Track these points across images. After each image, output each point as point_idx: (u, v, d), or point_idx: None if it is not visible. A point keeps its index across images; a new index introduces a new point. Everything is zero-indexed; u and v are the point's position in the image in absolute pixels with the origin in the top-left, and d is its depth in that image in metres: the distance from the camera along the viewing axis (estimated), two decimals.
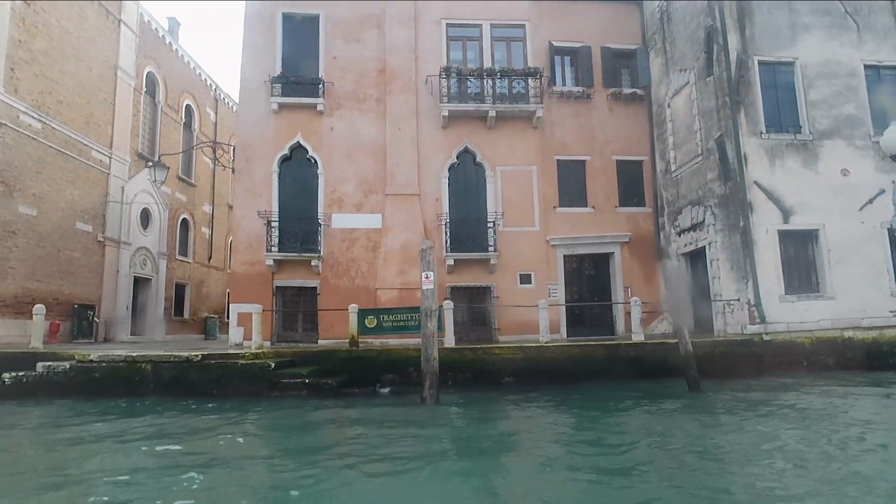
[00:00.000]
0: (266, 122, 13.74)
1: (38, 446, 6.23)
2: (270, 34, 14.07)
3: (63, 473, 4.89)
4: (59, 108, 17.33)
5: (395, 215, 13.68)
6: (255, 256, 13.36)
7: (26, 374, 9.34)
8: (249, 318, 12.98)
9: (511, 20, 14.59)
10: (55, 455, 5.75)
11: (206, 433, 6.62)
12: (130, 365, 9.35)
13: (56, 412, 8.16)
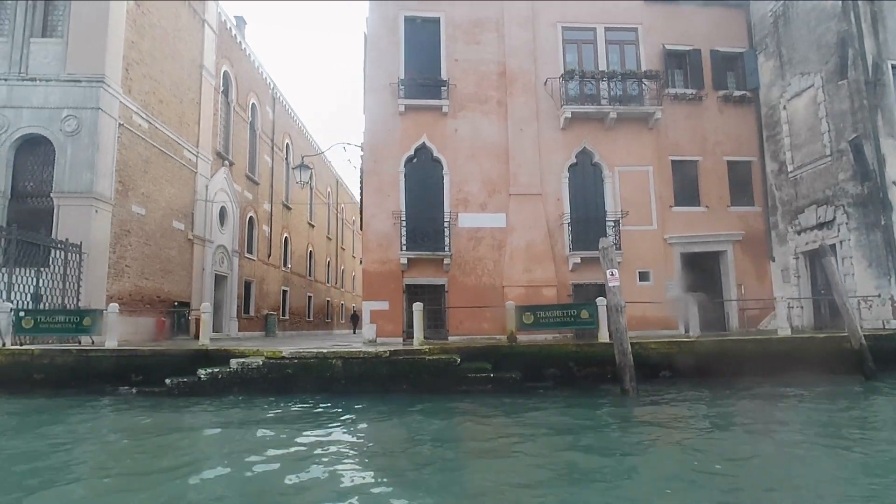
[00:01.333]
0: (392, 124, 14.04)
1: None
2: (393, 37, 14.35)
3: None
4: (160, 108, 17.56)
5: (518, 215, 14.02)
6: (384, 255, 13.67)
7: (221, 370, 9.65)
8: (381, 314, 13.41)
9: (624, 24, 14.93)
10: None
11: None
12: (321, 361, 9.67)
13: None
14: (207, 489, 4.39)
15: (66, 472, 5.04)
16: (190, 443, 6.37)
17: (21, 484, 4.56)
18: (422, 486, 4.44)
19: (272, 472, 4.80)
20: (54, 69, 14.47)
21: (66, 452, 5.78)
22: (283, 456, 5.36)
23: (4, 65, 14.40)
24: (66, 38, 14.58)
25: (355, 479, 4.59)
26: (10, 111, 14.16)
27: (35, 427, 7.11)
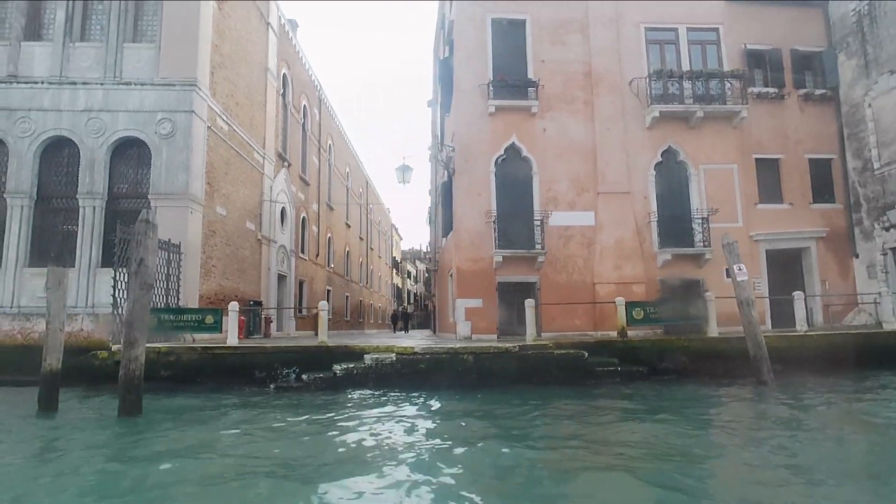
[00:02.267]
0: (482, 124, 14.28)
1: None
2: (481, 39, 14.59)
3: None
4: (236, 111, 17.86)
5: (607, 213, 14.24)
6: (477, 253, 13.92)
7: (356, 365, 9.92)
8: (475, 312, 13.66)
9: (705, 24, 15.13)
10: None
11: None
12: (453, 356, 9.92)
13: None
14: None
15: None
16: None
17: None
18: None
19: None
20: (147, 73, 14.76)
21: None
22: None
23: (99, 69, 14.70)
24: (158, 43, 14.85)
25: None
26: (107, 115, 14.46)
27: (244, 423, 7.33)
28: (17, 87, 14.47)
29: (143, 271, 6.72)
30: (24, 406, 8.10)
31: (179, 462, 5.02)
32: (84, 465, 4.91)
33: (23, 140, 14.23)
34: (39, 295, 13.80)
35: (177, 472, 4.67)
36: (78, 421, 6.95)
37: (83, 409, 7.94)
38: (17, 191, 14.04)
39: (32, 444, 5.97)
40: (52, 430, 6.58)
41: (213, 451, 5.55)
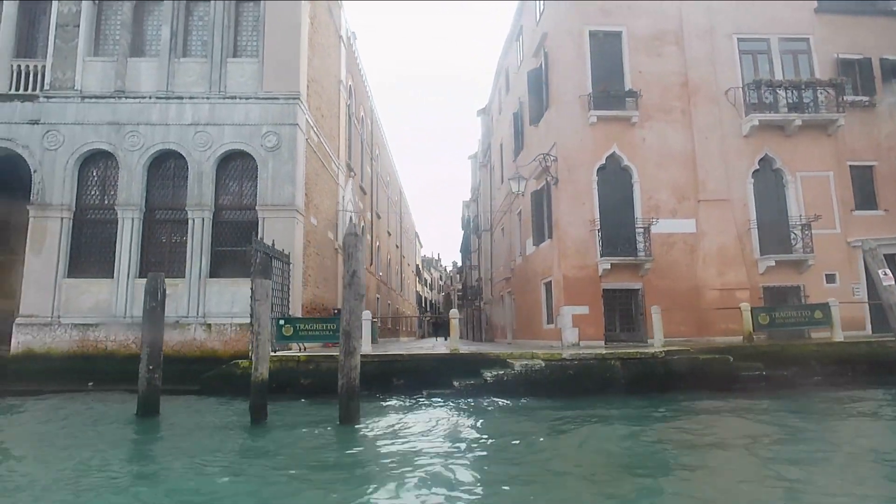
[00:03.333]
0: (583, 134, 14.55)
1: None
2: (580, 51, 14.89)
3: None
4: (322, 123, 18.19)
5: (708, 220, 14.47)
6: (582, 261, 14.15)
7: (505, 371, 10.12)
8: (582, 318, 13.86)
9: (796, 34, 15.42)
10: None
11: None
12: (601, 362, 10.12)
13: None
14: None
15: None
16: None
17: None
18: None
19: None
20: (250, 87, 15.07)
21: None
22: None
23: (204, 84, 15.03)
24: (260, 58, 15.17)
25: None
26: (213, 128, 14.77)
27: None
28: (125, 101, 14.82)
29: (356, 282, 6.95)
30: (228, 416, 8.28)
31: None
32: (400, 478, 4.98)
33: (132, 153, 14.55)
34: None
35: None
36: (302, 431, 7.11)
37: (284, 419, 8.08)
38: (128, 203, 14.35)
39: (305, 458, 5.92)
40: (290, 442, 6.61)
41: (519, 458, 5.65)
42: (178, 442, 6.65)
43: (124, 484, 4.76)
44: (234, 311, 14.16)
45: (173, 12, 15.23)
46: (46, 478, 4.91)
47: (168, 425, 7.72)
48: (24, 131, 14.58)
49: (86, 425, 7.68)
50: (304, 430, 7.11)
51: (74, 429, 7.43)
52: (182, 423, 7.87)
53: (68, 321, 13.87)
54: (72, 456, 5.72)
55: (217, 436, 6.92)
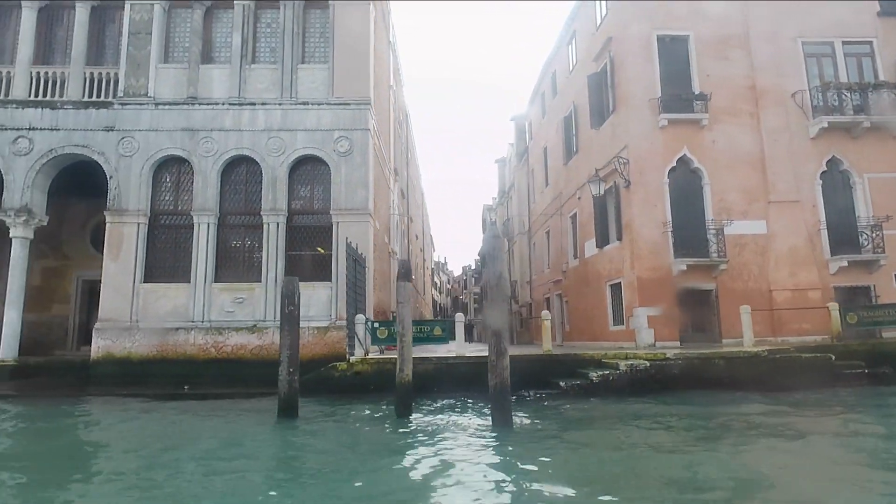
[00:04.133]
0: (653, 137, 14.73)
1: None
2: (648, 55, 15.08)
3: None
4: (379, 128, 18.34)
5: (778, 221, 14.62)
6: (655, 262, 14.29)
7: (611, 372, 10.24)
8: (656, 319, 13.98)
9: (859, 37, 15.61)
10: None
11: None
12: (705, 361, 10.24)
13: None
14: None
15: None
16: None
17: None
18: None
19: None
20: (321, 93, 15.23)
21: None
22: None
23: (276, 90, 15.20)
24: (330, 64, 15.33)
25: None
26: (286, 134, 14.92)
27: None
28: (199, 108, 14.98)
29: (502, 284, 7.08)
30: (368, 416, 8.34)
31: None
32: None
33: (206, 159, 14.70)
34: (228, 309, 14.26)
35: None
36: (459, 431, 7.18)
37: (426, 419, 8.12)
38: (204, 208, 14.49)
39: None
40: (445, 440, 6.68)
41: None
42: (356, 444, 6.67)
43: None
44: (311, 314, 14.23)
45: (243, 19, 15.41)
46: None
47: (321, 427, 7.82)
48: (100, 138, 14.74)
49: (244, 429, 7.80)
50: (462, 431, 7.15)
51: (244, 431, 7.54)
52: (327, 424, 8.01)
53: (147, 325, 13.98)
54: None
55: (376, 433, 7.06)
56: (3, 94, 15.01)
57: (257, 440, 7.03)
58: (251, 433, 7.47)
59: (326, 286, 14.39)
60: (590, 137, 17.58)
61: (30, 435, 8.02)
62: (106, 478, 5.21)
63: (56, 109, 14.79)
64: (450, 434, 6.89)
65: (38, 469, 5.54)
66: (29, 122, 14.73)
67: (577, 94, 18.69)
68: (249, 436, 7.27)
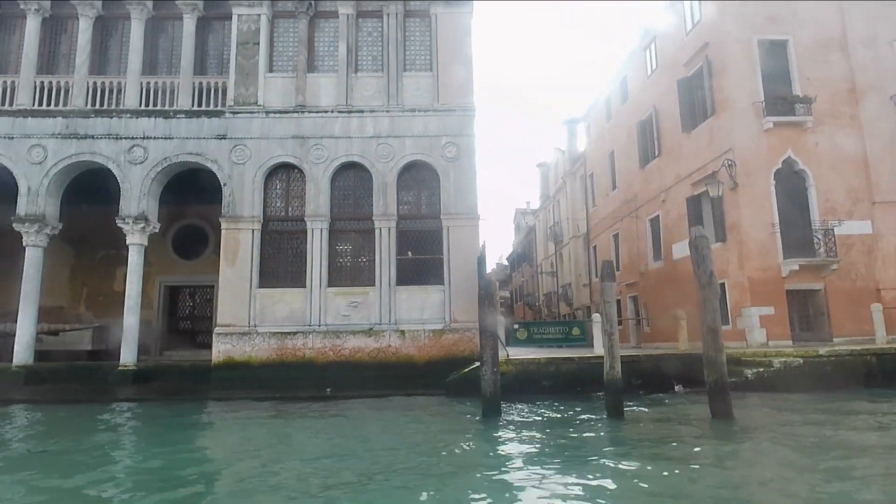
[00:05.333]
0: (758, 140, 14.98)
1: None
2: (749, 59, 15.36)
3: None
4: None
5: (884, 221, 14.85)
6: (765, 262, 14.51)
7: (765, 369, 10.45)
8: (768, 319, 14.18)
9: None
10: None
11: None
12: (857, 358, 10.45)
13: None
14: None
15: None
16: None
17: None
18: None
19: None
20: (426, 100, 15.50)
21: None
22: None
23: (382, 98, 15.48)
24: (434, 71, 15.61)
25: None
26: (395, 140, 15.19)
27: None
28: (308, 116, 15.27)
29: (713, 282, 7.30)
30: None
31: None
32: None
33: (317, 166, 14.97)
34: (343, 313, 14.49)
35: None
36: (678, 426, 7.38)
37: (640, 416, 8.29)
38: (317, 214, 14.75)
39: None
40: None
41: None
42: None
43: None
44: (425, 317, 14.49)
45: (348, 29, 15.71)
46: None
47: (530, 425, 7.97)
48: (213, 146, 15.03)
49: (456, 427, 7.95)
50: (681, 426, 7.36)
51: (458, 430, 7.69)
52: (535, 423, 8.18)
53: (265, 330, 14.20)
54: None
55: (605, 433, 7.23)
56: (116, 104, 15.32)
57: (486, 440, 7.17)
58: (468, 433, 7.65)
59: (439, 289, 14.61)
60: (677, 141, 17.83)
61: (253, 444, 7.42)
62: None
63: (169, 118, 15.08)
64: (674, 429, 7.09)
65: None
66: (143, 132, 15.02)
67: (660, 98, 18.96)
68: (472, 436, 7.44)
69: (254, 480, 5.06)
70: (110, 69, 16.23)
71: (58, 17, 16.17)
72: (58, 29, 16.36)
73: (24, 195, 14.67)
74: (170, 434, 8.45)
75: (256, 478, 5.15)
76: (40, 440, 7.92)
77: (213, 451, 7.16)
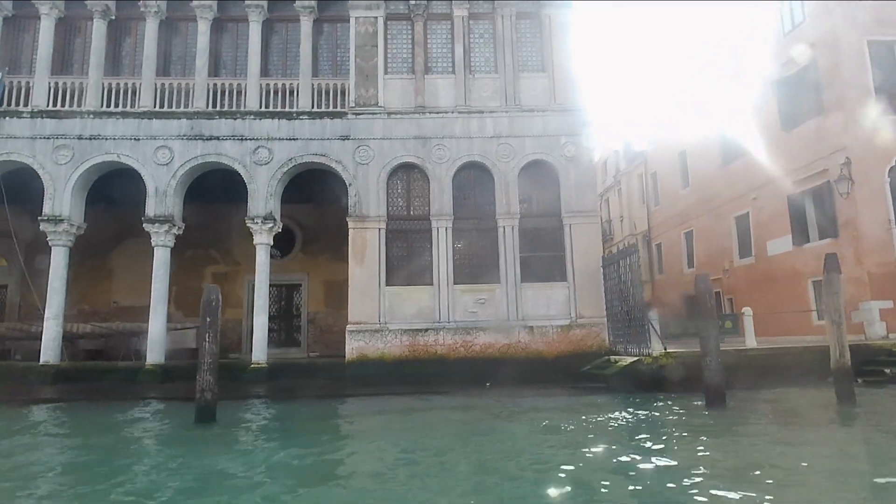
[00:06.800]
0: (872, 138, 15.31)
1: None
2: (860, 59, 15.72)
3: None
4: None
5: None
6: (883, 258, 14.87)
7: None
8: (887, 312, 14.54)
9: None
10: None
11: None
12: None
13: None
14: None
15: None
16: None
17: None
18: None
19: None
20: (542, 100, 15.78)
21: None
22: None
23: (499, 98, 15.75)
24: (550, 72, 15.90)
25: None
26: (515, 140, 15.46)
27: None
28: (429, 116, 15.53)
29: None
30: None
31: None
32: None
33: (440, 166, 15.22)
34: (470, 310, 14.75)
35: None
36: None
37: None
38: (441, 213, 15.00)
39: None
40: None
41: None
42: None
43: None
44: (551, 313, 14.78)
45: (463, 31, 15.97)
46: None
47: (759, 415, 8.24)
48: (336, 147, 15.26)
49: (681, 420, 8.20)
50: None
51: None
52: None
53: (396, 327, 14.43)
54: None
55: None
56: (237, 106, 15.52)
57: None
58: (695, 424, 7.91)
59: (563, 286, 14.91)
60: (773, 140, 18.16)
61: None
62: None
63: (292, 120, 15.30)
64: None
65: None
66: (266, 133, 15.24)
67: (750, 99, 19.30)
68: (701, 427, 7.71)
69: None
70: (226, 71, 16.42)
71: (172, 20, 16.36)
72: (173, 32, 16.55)
73: (152, 196, 14.86)
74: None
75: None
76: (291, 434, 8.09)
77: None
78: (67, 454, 6.91)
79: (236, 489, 4.90)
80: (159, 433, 8.53)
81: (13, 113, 14.99)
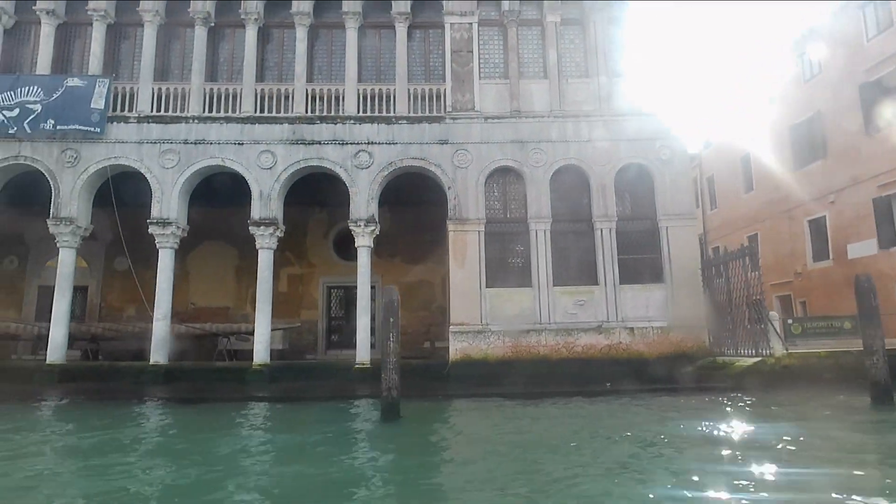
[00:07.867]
0: None
1: None
2: None
3: None
4: None
5: None
6: None
7: None
8: None
9: None
10: None
11: None
12: None
13: None
14: None
15: None
16: None
17: None
18: None
19: None
20: (635, 104, 15.92)
21: None
22: None
23: (593, 102, 15.93)
24: (641, 77, 16.09)
25: None
26: (610, 144, 15.62)
27: None
28: (525, 121, 15.74)
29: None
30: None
31: None
32: None
33: (537, 169, 15.43)
34: (570, 312, 14.92)
35: None
36: None
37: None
38: (539, 216, 15.20)
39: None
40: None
41: None
42: None
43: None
44: (650, 314, 14.92)
45: (555, 36, 16.20)
46: None
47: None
48: (435, 151, 15.50)
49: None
50: None
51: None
52: None
53: (498, 328, 14.62)
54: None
55: None
56: (335, 111, 15.80)
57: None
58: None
59: (661, 288, 15.06)
60: (854, 143, 18.27)
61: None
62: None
63: (391, 124, 15.57)
64: None
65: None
66: (367, 137, 15.50)
67: (825, 102, 19.44)
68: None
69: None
70: (321, 77, 16.72)
71: (268, 27, 16.69)
72: (267, 38, 16.88)
73: (256, 199, 15.15)
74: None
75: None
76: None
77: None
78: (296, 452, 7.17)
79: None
80: (359, 430, 8.81)
81: (120, 118, 15.33)
